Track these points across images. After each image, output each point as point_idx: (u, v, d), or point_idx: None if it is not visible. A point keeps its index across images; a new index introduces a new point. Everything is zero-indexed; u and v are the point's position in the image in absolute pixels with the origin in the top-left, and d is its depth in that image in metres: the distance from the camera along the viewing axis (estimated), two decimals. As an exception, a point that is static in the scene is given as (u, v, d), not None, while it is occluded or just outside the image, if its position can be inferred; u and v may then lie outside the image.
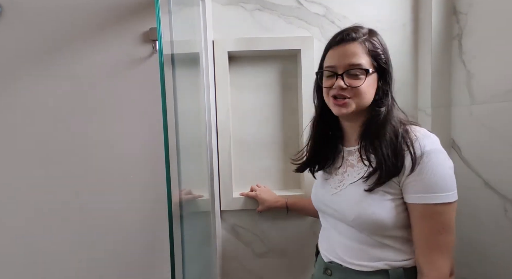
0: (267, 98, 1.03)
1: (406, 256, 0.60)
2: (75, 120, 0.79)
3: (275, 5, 0.96)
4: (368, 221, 0.59)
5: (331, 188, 0.67)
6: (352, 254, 0.63)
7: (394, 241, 0.60)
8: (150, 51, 0.80)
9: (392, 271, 0.59)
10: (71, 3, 0.78)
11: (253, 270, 1.02)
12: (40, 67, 0.78)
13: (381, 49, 0.61)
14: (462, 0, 0.89)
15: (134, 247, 0.80)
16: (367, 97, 0.61)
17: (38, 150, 0.79)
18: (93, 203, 0.79)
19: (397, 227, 0.59)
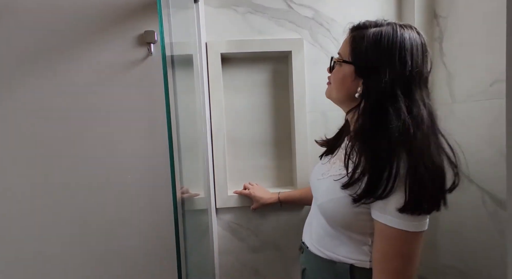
0: (260, 98, 1.06)
1: (359, 257, 0.60)
2: (70, 121, 0.80)
3: (266, 8, 0.99)
4: (329, 214, 0.62)
5: (319, 174, 0.69)
6: (316, 239, 0.67)
7: (350, 240, 0.61)
8: (145, 53, 0.81)
9: (339, 264, 0.62)
10: (66, 7, 0.78)
11: (248, 264, 1.05)
12: (34, 69, 0.79)
13: (368, 45, 0.56)
14: (442, 4, 0.94)
15: (134, 246, 0.82)
16: (337, 87, 0.63)
17: (33, 151, 0.79)
18: (90, 203, 0.81)
19: (354, 230, 0.60)
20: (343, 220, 0.60)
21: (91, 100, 0.80)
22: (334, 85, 0.64)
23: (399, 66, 0.54)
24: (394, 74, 0.54)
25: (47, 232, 0.80)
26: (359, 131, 0.58)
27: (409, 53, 0.55)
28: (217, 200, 1.02)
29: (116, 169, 0.80)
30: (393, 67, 0.54)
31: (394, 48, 0.55)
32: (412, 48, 0.55)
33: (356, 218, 0.58)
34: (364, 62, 0.58)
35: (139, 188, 0.81)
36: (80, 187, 0.80)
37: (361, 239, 0.60)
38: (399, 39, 0.55)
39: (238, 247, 1.05)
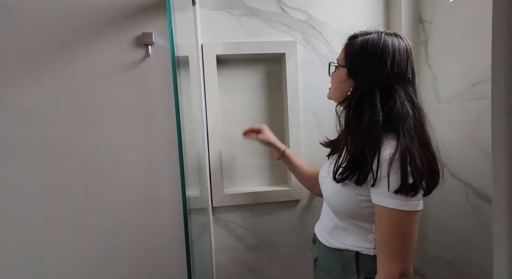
0: (254, 99, 1.09)
1: (364, 245, 0.67)
2: (68, 122, 0.80)
3: (260, 11, 1.02)
4: (335, 206, 0.69)
5: (325, 171, 0.75)
6: (326, 231, 0.74)
7: (356, 229, 0.67)
8: (143, 55, 0.82)
9: (346, 251, 0.68)
10: (63, 8, 0.78)
11: (245, 262, 1.07)
12: (32, 70, 0.78)
13: (356, 48, 0.65)
14: (426, 10, 0.99)
15: (137, 245, 0.82)
16: (334, 87, 0.73)
17: (30, 152, 0.79)
18: (90, 203, 0.81)
19: (359, 219, 0.66)
20: (348, 210, 0.66)
21: (89, 101, 0.80)
22: (333, 87, 0.75)
23: (379, 67, 0.62)
24: (373, 74, 0.63)
25: (47, 232, 0.80)
26: (343, 123, 0.68)
27: (390, 56, 0.62)
28: (213, 199, 1.03)
29: (114, 170, 0.81)
30: (374, 68, 0.63)
31: (376, 51, 0.63)
32: (394, 52, 0.63)
33: (359, 206, 0.64)
34: (353, 65, 0.66)
35: (138, 188, 0.81)
36: (78, 186, 0.80)
37: (367, 227, 0.66)
38: (382, 44, 0.63)
39: (235, 245, 1.07)
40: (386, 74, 0.62)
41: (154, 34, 0.80)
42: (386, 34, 0.65)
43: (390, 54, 0.62)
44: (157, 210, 0.82)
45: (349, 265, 0.67)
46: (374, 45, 0.63)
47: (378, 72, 0.62)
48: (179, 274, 0.82)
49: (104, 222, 0.81)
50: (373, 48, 0.63)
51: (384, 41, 0.63)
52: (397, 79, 0.62)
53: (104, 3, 0.79)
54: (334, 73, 0.73)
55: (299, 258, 1.10)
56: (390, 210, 0.58)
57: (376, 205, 0.61)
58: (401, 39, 0.65)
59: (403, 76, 0.63)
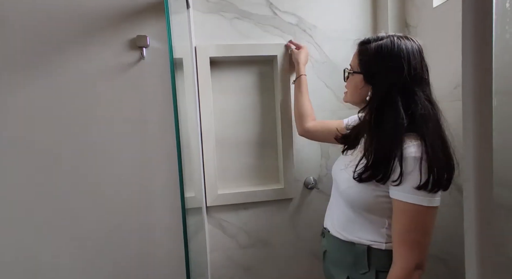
0: (247, 100, 1.11)
1: (376, 239, 0.69)
2: (64, 124, 0.80)
3: (252, 15, 1.04)
4: (351, 199, 0.71)
5: (342, 164, 0.77)
6: (337, 224, 0.76)
7: (369, 223, 0.70)
8: (137, 57, 0.83)
9: (358, 245, 0.70)
10: (58, 11, 0.79)
11: (239, 260, 1.09)
12: (27, 72, 0.78)
13: (371, 55, 0.67)
14: (411, 15, 1.04)
15: (136, 244, 0.83)
16: (351, 93, 0.75)
17: (26, 154, 0.79)
18: (87, 205, 0.81)
19: (372, 212, 0.69)
20: (364, 203, 0.68)
21: (85, 103, 0.80)
22: (350, 92, 0.76)
23: (397, 72, 0.64)
24: (391, 79, 0.65)
25: (43, 233, 0.80)
26: (366, 127, 0.70)
27: (406, 60, 0.64)
28: (207, 198, 1.05)
29: (111, 170, 0.82)
30: (392, 74, 0.65)
31: (392, 57, 0.65)
32: (409, 56, 0.64)
33: (376, 201, 0.67)
34: (369, 70, 0.69)
35: (135, 189, 0.82)
36: (75, 188, 0.80)
37: (380, 221, 0.69)
38: (396, 49, 0.65)
39: (228, 243, 1.09)
40: (404, 78, 0.63)
41: (149, 36, 0.82)
42: (398, 38, 0.66)
43: (406, 59, 0.64)
44: (154, 210, 0.83)
45: (361, 258, 0.70)
46: (388, 50, 0.65)
47: (396, 77, 0.64)
48: (175, 273, 0.83)
49: (101, 221, 0.82)
50: (388, 54, 0.65)
51: (398, 46, 0.65)
52: (415, 82, 0.64)
53: (98, 6, 0.80)
54: (350, 79, 0.75)
55: (291, 255, 1.13)
56: (411, 205, 0.61)
57: (396, 200, 0.63)
58: (413, 42, 0.66)
59: (420, 78, 0.65)
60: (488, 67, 0.23)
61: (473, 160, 0.24)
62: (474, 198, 0.25)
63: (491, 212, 0.25)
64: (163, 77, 0.82)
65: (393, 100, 0.64)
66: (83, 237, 0.82)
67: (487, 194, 0.25)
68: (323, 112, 1.10)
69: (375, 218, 0.69)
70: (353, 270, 0.72)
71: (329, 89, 1.10)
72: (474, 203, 0.25)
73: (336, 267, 0.77)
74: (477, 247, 0.25)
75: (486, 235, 0.25)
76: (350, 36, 1.10)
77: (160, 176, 0.82)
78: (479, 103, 0.23)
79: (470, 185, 0.24)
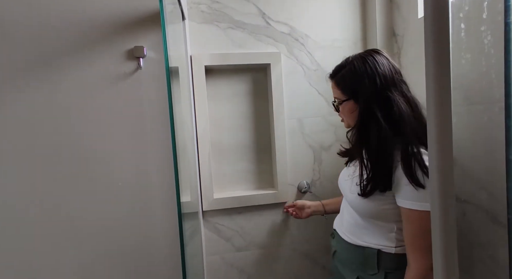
0: (241, 107, 1.14)
1: (384, 243, 0.72)
2: (62, 131, 0.82)
3: (246, 24, 1.08)
4: (358, 208, 0.74)
5: (346, 175, 0.82)
6: (347, 228, 0.80)
7: (378, 228, 0.73)
8: (134, 67, 0.86)
9: (368, 249, 0.74)
10: (58, 22, 0.81)
11: (234, 262, 1.12)
12: (26, 81, 0.81)
13: (347, 80, 0.74)
14: (398, 25, 1.08)
15: (131, 248, 0.85)
16: (349, 118, 0.78)
17: (25, 161, 0.81)
18: (84, 207, 0.83)
19: (380, 219, 0.72)
20: (371, 212, 0.72)
21: (83, 111, 0.83)
22: (347, 119, 0.80)
23: (371, 85, 0.70)
24: (368, 94, 0.70)
25: (40, 236, 0.81)
26: (356, 146, 0.75)
27: (375, 71, 0.70)
28: (203, 203, 1.07)
29: (108, 176, 0.84)
30: (367, 88, 0.70)
31: (363, 74, 0.71)
32: (377, 66, 0.71)
33: (383, 208, 0.70)
34: (354, 93, 0.74)
35: (132, 194, 0.85)
36: (73, 193, 0.83)
37: (388, 227, 0.72)
38: (364, 67, 0.71)
39: (224, 246, 1.11)
40: (379, 88, 0.69)
41: (146, 47, 0.85)
42: (361, 56, 0.73)
43: (374, 70, 0.70)
44: (151, 215, 0.85)
45: (371, 260, 0.73)
46: (359, 70, 0.71)
47: (372, 90, 0.70)
48: (172, 276, 0.85)
49: (99, 225, 0.84)
50: (360, 73, 0.71)
51: (364, 63, 0.71)
52: (387, 86, 0.69)
53: (97, 18, 0.83)
54: (342, 108, 0.78)
55: (285, 257, 1.15)
56: (417, 211, 0.64)
57: (402, 207, 0.66)
58: (376, 53, 0.73)
59: (391, 80, 0.70)
60: (447, 84, 0.26)
61: (436, 162, 0.27)
62: (438, 193, 0.28)
63: (451, 206, 0.28)
64: (159, 85, 0.85)
65: (373, 113, 0.69)
66: (81, 241, 0.83)
67: (448, 190, 0.28)
68: (316, 118, 1.14)
69: (383, 224, 0.73)
70: (362, 271, 0.75)
71: (321, 96, 1.14)
72: (437, 197, 0.28)
73: (345, 267, 0.80)
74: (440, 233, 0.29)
75: (447, 223, 0.28)
76: (341, 44, 1.14)
77: (156, 181, 0.85)
78: (440, 115, 0.27)
79: (434, 184, 0.28)
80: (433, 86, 0.27)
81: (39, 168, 0.82)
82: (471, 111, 0.78)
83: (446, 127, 0.27)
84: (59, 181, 0.82)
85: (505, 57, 0.59)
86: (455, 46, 0.79)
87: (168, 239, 0.86)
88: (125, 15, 0.84)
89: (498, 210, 0.71)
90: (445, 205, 0.28)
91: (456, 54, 0.80)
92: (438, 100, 0.27)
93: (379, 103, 0.69)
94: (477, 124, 0.76)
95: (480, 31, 0.72)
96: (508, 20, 0.59)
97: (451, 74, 0.26)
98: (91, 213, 0.83)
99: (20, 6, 0.80)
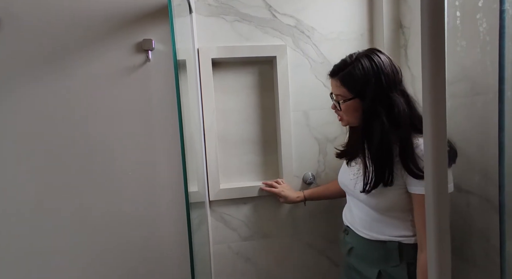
0: (247, 99, 1.16)
1: (403, 233, 0.74)
2: (72, 123, 0.85)
3: (252, 17, 1.09)
4: (374, 204, 0.76)
5: (351, 174, 0.83)
6: (362, 224, 0.81)
7: (395, 220, 0.75)
8: (143, 59, 0.88)
9: (389, 242, 0.75)
10: (67, 17, 0.84)
11: (240, 251, 1.15)
12: (37, 74, 0.84)
13: (358, 79, 0.73)
14: (405, 16, 1.07)
15: (140, 238, 0.88)
16: (351, 117, 0.78)
17: (37, 155, 0.84)
18: (93, 201, 0.87)
19: (396, 209, 0.74)
20: (386, 205, 0.74)
21: (94, 102, 0.86)
22: (349, 118, 0.80)
23: (377, 85, 0.71)
24: (374, 93, 0.72)
25: (52, 230, 0.85)
26: (359, 142, 0.77)
27: (381, 71, 0.72)
28: (210, 193, 1.10)
29: (117, 167, 0.87)
30: (374, 88, 0.71)
31: (370, 74, 0.72)
32: (381, 66, 0.72)
33: (398, 199, 0.72)
34: (361, 92, 0.74)
35: (141, 184, 0.88)
36: (84, 184, 0.86)
37: (404, 216, 0.74)
38: (371, 66, 0.72)
39: (230, 236, 1.14)
40: (384, 88, 0.71)
41: (154, 40, 0.87)
42: (365, 55, 0.74)
43: (380, 70, 0.71)
44: (160, 204, 0.88)
45: (392, 253, 0.75)
46: (367, 69, 0.72)
47: (377, 90, 0.71)
48: (180, 262, 0.89)
49: (110, 215, 0.87)
50: (368, 72, 0.72)
51: (371, 62, 0.72)
52: (390, 87, 0.71)
53: (107, 12, 0.85)
54: (346, 107, 0.78)
55: (289, 247, 1.18)
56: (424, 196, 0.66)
57: (414, 194, 0.69)
58: (380, 53, 0.74)
59: (393, 81, 0.72)
60: (441, 71, 0.28)
61: (431, 155, 0.29)
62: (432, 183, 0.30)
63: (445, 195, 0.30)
64: (167, 77, 0.87)
65: (377, 113, 0.71)
66: (92, 230, 0.87)
67: (442, 181, 0.29)
68: (321, 110, 1.15)
69: (400, 215, 0.74)
70: (384, 265, 0.76)
71: (327, 89, 1.14)
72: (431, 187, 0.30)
73: (364, 263, 0.81)
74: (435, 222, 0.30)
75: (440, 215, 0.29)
76: (347, 37, 1.14)
77: (165, 172, 0.88)
78: (435, 105, 0.28)
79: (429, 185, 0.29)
80: (428, 75, 0.28)
81: (51, 158, 0.85)
82: (470, 100, 0.78)
83: (440, 114, 0.29)
84: (71, 171, 0.85)
85: (500, 44, 0.60)
86: (451, 34, 0.79)
87: (176, 227, 0.89)
88: (134, 8, 0.86)
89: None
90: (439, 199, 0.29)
91: (452, 42, 0.80)
92: (433, 87, 0.29)
93: (382, 103, 0.71)
94: (478, 112, 0.77)
95: (475, 19, 0.72)
96: (503, 7, 0.60)
97: (446, 62, 0.28)
98: (102, 202, 0.87)
99: (31, 2, 0.82)
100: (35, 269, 0.85)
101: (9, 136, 0.83)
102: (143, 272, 0.89)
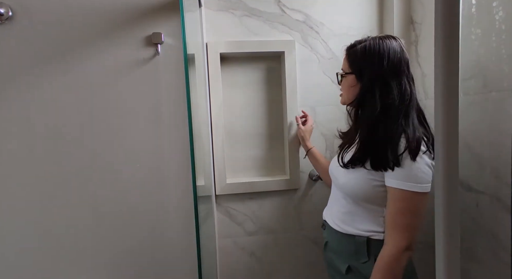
0: (255, 94, 1.16)
1: (373, 228, 0.74)
2: (83, 116, 0.86)
3: (261, 12, 1.09)
4: (350, 191, 0.76)
5: (340, 162, 0.82)
6: (337, 216, 0.81)
7: (369, 213, 0.75)
8: (152, 53, 0.89)
9: (358, 237, 0.75)
10: (78, 10, 0.85)
11: (245, 246, 1.16)
12: (48, 67, 0.85)
13: (358, 55, 0.75)
14: (417, 11, 1.06)
15: (148, 231, 0.90)
16: (346, 93, 0.81)
17: (45, 149, 0.85)
18: (102, 195, 0.88)
19: (372, 202, 0.74)
20: (364, 194, 0.74)
21: (104, 95, 0.87)
22: (345, 93, 0.82)
23: (378, 67, 0.72)
24: (373, 74, 0.73)
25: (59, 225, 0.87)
26: (353, 118, 0.80)
27: (386, 56, 0.72)
28: (216, 187, 1.11)
29: (126, 160, 0.88)
30: (374, 69, 0.73)
31: (374, 55, 0.73)
32: (389, 52, 0.72)
33: (374, 190, 0.72)
34: (358, 69, 0.76)
35: (150, 177, 0.88)
36: (95, 176, 0.87)
37: (378, 210, 0.74)
38: (378, 47, 0.73)
39: (236, 230, 1.15)
40: (384, 72, 0.71)
41: (163, 34, 0.87)
42: (380, 38, 0.74)
43: (386, 55, 0.72)
44: (168, 197, 0.89)
45: (361, 249, 0.75)
46: (372, 49, 0.73)
47: (377, 72, 0.72)
48: (187, 255, 0.90)
49: (119, 208, 0.88)
50: (371, 52, 0.73)
51: (379, 44, 0.73)
52: (392, 74, 0.72)
53: (117, 6, 0.86)
54: (344, 81, 0.81)
55: (294, 242, 1.18)
56: (405, 191, 0.66)
57: (390, 187, 0.69)
58: (394, 40, 0.74)
59: (398, 71, 0.72)
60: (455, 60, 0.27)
61: (442, 153, 0.28)
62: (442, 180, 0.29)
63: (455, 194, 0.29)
64: (176, 71, 0.88)
65: (371, 94, 0.73)
66: (102, 220, 0.88)
67: (453, 177, 0.29)
68: (329, 106, 1.14)
69: (374, 208, 0.74)
70: (353, 260, 0.77)
71: (334, 85, 1.13)
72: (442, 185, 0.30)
73: (337, 257, 0.82)
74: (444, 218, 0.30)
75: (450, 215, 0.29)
76: (356, 32, 1.13)
77: (173, 165, 0.88)
78: (447, 99, 0.28)
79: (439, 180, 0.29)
80: (441, 67, 0.28)
81: (64, 148, 0.86)
82: (485, 97, 0.77)
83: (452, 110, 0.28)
84: (81, 163, 0.87)
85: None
86: (465, 22, 0.78)
87: (183, 220, 0.90)
88: (143, 2, 0.87)
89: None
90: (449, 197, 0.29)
91: (466, 29, 0.78)
92: (447, 78, 0.28)
93: (379, 86, 0.72)
94: (491, 110, 0.76)
95: (491, 7, 0.70)
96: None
97: (460, 52, 0.27)
98: (111, 195, 0.88)
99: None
100: (40, 268, 0.87)
101: (20, 127, 0.85)
102: (152, 264, 0.90)
